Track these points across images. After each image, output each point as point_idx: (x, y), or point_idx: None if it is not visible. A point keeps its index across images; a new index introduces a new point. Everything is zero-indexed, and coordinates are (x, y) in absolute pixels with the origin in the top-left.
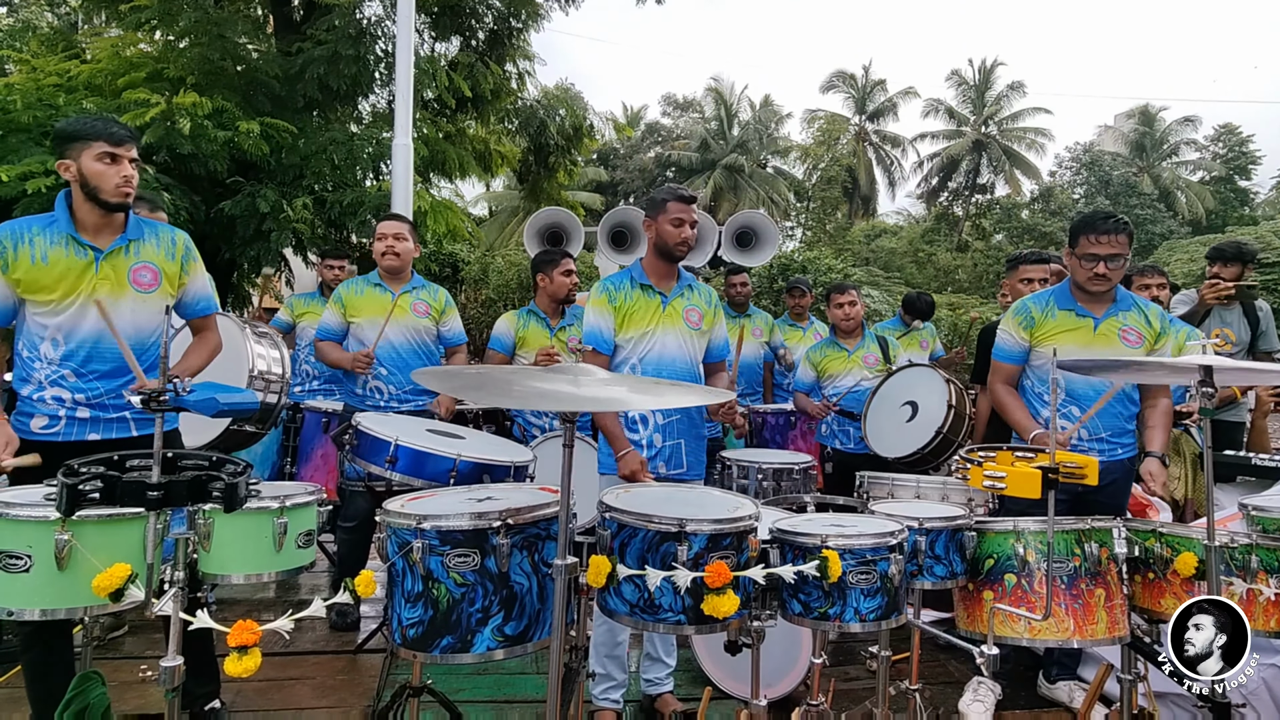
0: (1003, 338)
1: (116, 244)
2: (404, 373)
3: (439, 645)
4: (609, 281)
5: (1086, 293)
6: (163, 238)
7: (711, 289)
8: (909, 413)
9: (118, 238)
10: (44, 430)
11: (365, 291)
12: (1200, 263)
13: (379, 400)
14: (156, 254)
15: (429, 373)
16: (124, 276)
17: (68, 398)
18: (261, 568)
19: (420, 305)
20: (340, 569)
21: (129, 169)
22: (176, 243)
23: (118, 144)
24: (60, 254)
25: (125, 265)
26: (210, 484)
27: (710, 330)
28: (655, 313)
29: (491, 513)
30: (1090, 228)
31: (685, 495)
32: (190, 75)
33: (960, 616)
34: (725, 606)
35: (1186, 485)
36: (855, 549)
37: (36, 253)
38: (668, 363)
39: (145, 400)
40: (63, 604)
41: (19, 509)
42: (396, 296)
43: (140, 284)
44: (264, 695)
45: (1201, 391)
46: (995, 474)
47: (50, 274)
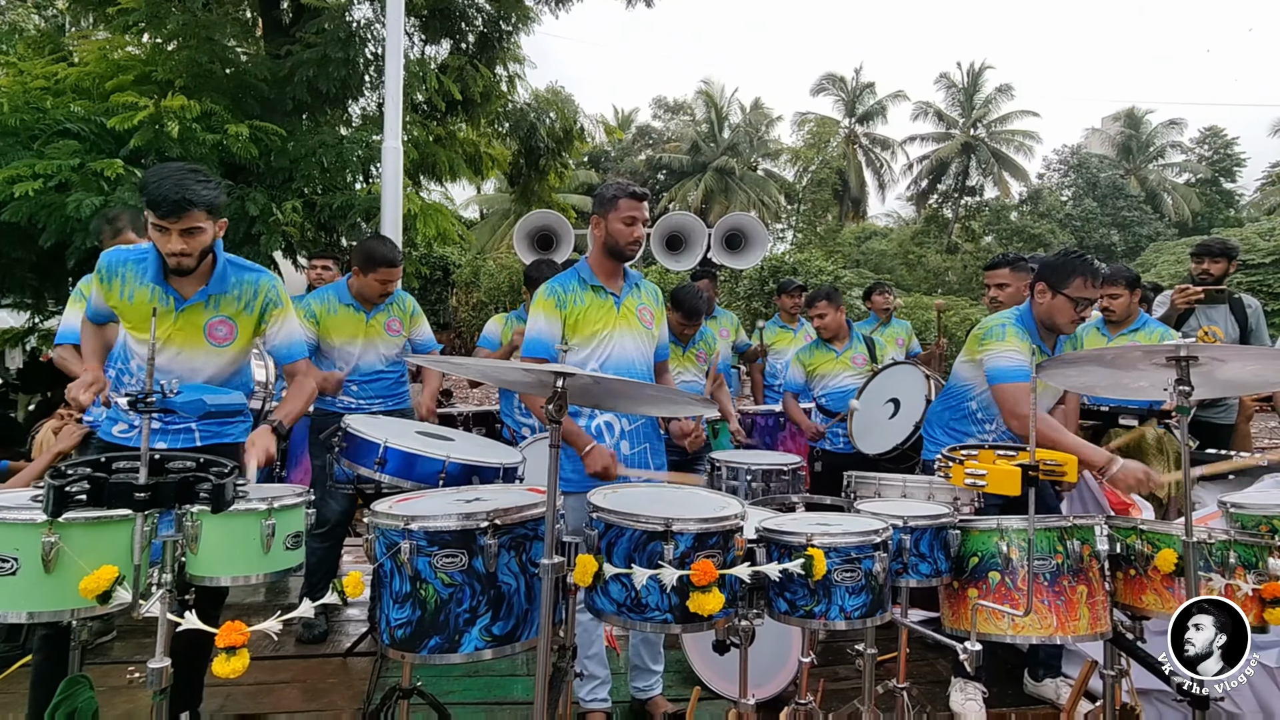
0: (1019, 360)
1: (197, 298)
2: (372, 386)
3: (427, 645)
4: (556, 283)
5: (1048, 329)
6: (245, 289)
7: (656, 287)
8: (891, 410)
9: (199, 290)
10: (121, 434)
11: (339, 310)
12: (1186, 264)
13: (350, 406)
14: (236, 307)
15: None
16: (200, 330)
17: None
18: (250, 570)
19: (394, 324)
20: (308, 578)
21: (176, 244)
22: (258, 294)
23: (162, 218)
24: (145, 296)
25: (203, 319)
26: (198, 485)
27: (659, 329)
28: (609, 314)
29: (479, 513)
30: (1088, 271)
31: (672, 495)
32: (179, 78)
33: (945, 615)
34: (711, 604)
35: (1170, 484)
36: (840, 547)
37: (127, 289)
38: (627, 365)
39: (132, 402)
40: (50, 606)
41: (5, 511)
42: (370, 317)
43: (215, 338)
44: (253, 699)
45: (1178, 390)
46: (976, 472)
47: (134, 312)
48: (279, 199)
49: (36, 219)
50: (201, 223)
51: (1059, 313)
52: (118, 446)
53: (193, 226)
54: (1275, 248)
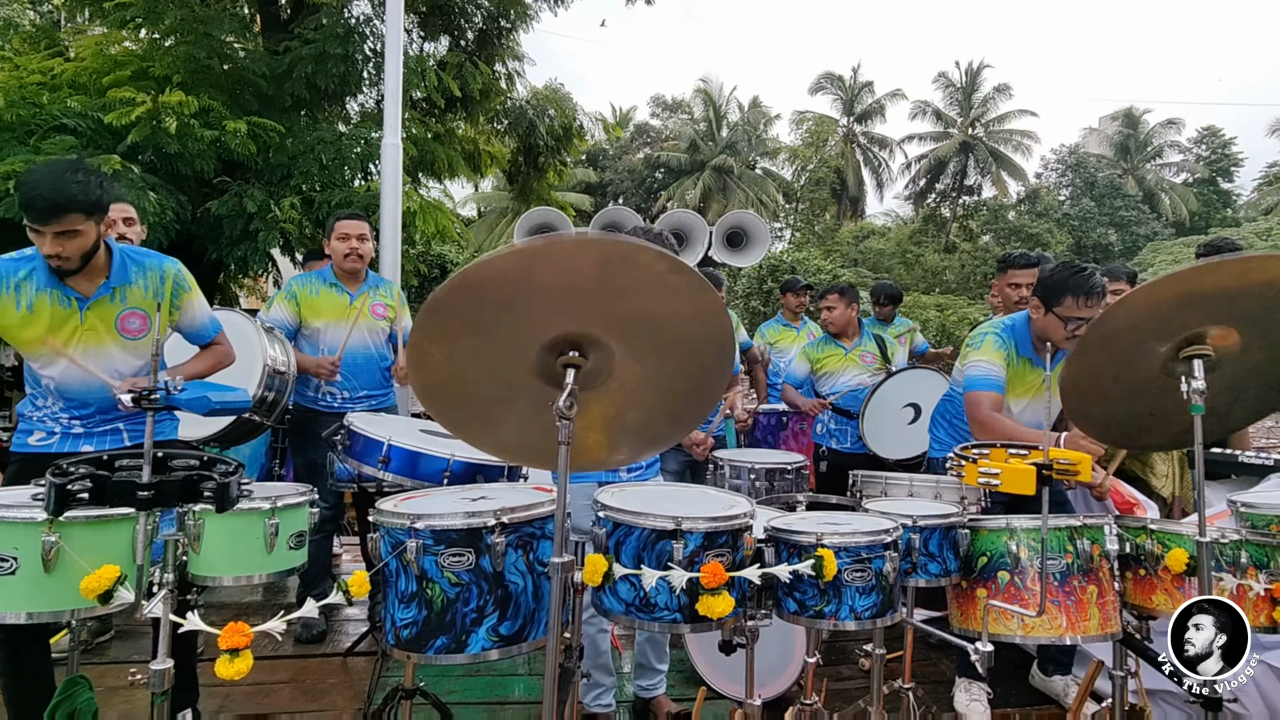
0: (987, 369)
1: (100, 293)
2: (359, 377)
3: (433, 646)
4: None
5: (1043, 342)
6: (150, 277)
7: None
8: (911, 414)
9: (100, 285)
10: (40, 443)
11: (321, 292)
12: (1184, 263)
13: (332, 403)
14: (145, 298)
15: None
16: (111, 325)
17: (64, 419)
18: (253, 569)
19: (379, 307)
20: (302, 576)
21: (51, 247)
22: (165, 280)
23: (34, 221)
24: (45, 302)
25: (112, 314)
26: (201, 484)
27: None
28: None
29: (486, 512)
30: (1080, 289)
31: (680, 494)
32: (176, 74)
33: (954, 614)
34: (720, 607)
35: (1174, 483)
36: (850, 547)
37: (24, 300)
38: None
39: (136, 399)
40: (50, 606)
41: (4, 510)
42: (355, 299)
43: (129, 331)
44: (253, 699)
45: (1193, 388)
46: (990, 470)
47: (36, 324)
48: (277, 196)
49: None
50: (79, 225)
51: (1050, 330)
52: (38, 456)
53: (68, 229)
54: (1273, 247)
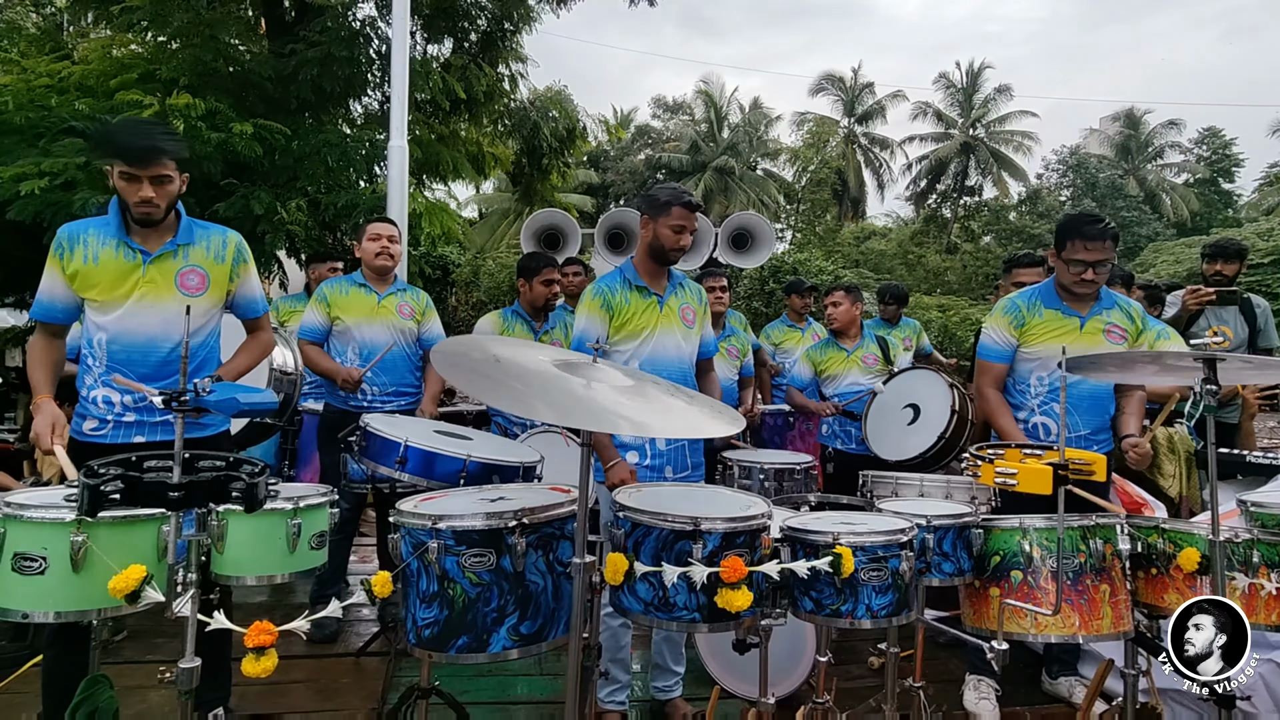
0: (991, 336)
1: (165, 248)
2: (387, 374)
3: (455, 645)
4: (603, 283)
5: (1071, 293)
6: (213, 241)
7: (700, 287)
8: (910, 415)
9: (167, 241)
10: (93, 432)
11: (350, 292)
12: (1185, 264)
13: (362, 401)
14: (206, 258)
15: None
16: (171, 280)
17: (116, 400)
18: (275, 569)
19: (405, 308)
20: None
21: (147, 191)
22: (227, 245)
23: (132, 164)
24: (110, 255)
25: (173, 269)
26: (230, 484)
27: (701, 328)
28: (653, 313)
29: (507, 512)
30: (1076, 233)
31: (696, 494)
32: (183, 76)
33: (966, 613)
34: (740, 601)
35: (1181, 483)
36: (867, 546)
37: (89, 252)
38: (664, 365)
39: (166, 400)
40: (78, 606)
41: (34, 510)
42: (382, 298)
43: (187, 287)
44: (267, 699)
45: (1206, 389)
46: (1006, 470)
47: (100, 274)
48: (283, 198)
49: (42, 217)
50: (170, 171)
51: (1062, 275)
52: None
53: (162, 174)
54: (1274, 248)
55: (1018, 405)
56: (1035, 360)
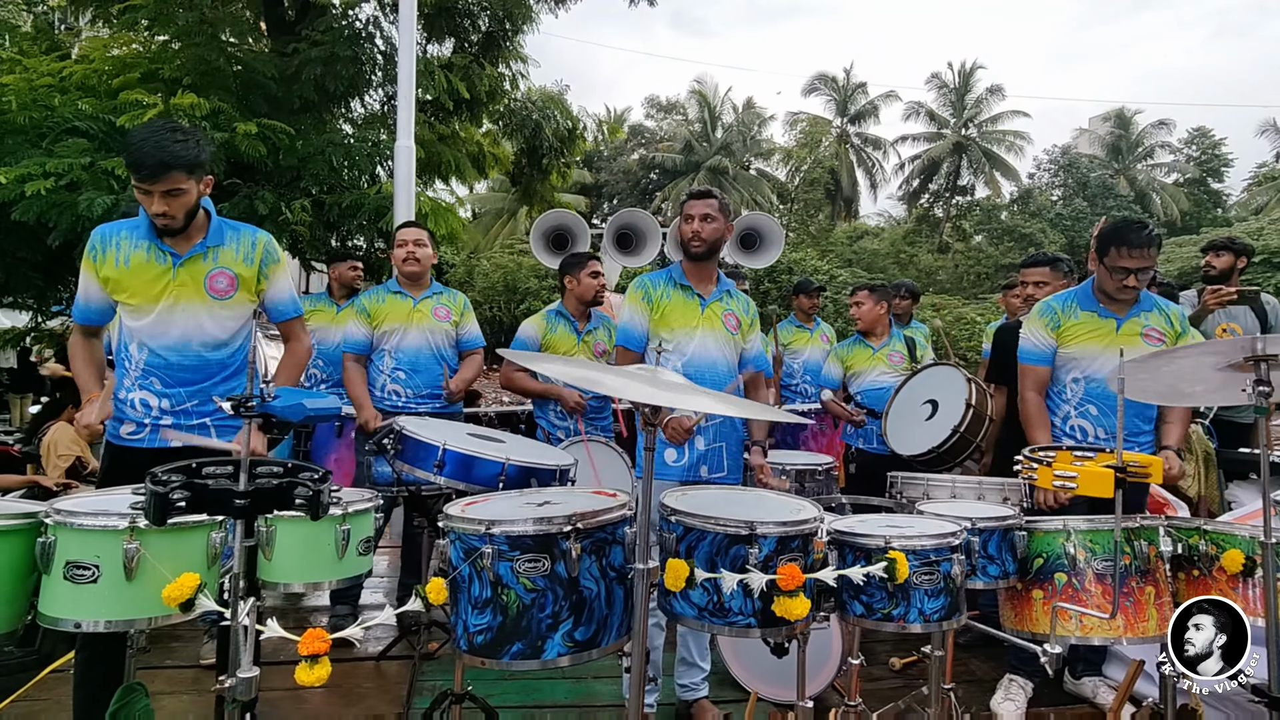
0: (1030, 339)
1: (195, 250)
2: (421, 376)
3: (509, 652)
4: (647, 278)
5: (1111, 298)
6: (243, 241)
7: (749, 299)
8: (929, 411)
9: (196, 243)
10: (130, 436)
11: (387, 299)
12: (1177, 263)
13: (396, 402)
14: (235, 259)
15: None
16: (200, 283)
17: (154, 404)
18: (323, 575)
19: (441, 310)
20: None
21: (159, 205)
22: (256, 246)
23: (143, 180)
24: (141, 258)
25: (203, 272)
26: (294, 491)
27: (745, 339)
28: (694, 313)
29: (560, 517)
30: (1121, 240)
31: (742, 497)
32: (186, 76)
33: (1007, 615)
34: (798, 609)
35: (1199, 483)
36: (919, 550)
37: (121, 255)
38: (709, 365)
39: (235, 406)
40: (129, 615)
41: (85, 518)
42: (418, 303)
43: (216, 290)
44: (291, 704)
45: (1258, 390)
46: (1065, 474)
47: (131, 278)
48: (287, 198)
49: (47, 218)
50: (182, 184)
51: (1104, 281)
52: (128, 449)
53: (174, 188)
54: (1264, 247)
55: (1053, 409)
56: (1071, 361)
